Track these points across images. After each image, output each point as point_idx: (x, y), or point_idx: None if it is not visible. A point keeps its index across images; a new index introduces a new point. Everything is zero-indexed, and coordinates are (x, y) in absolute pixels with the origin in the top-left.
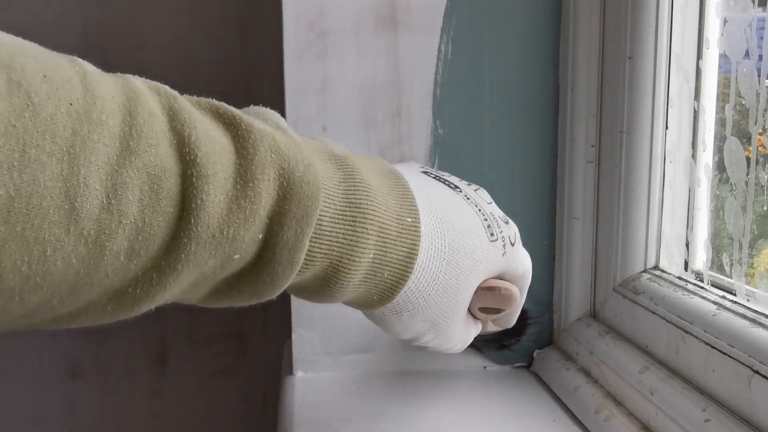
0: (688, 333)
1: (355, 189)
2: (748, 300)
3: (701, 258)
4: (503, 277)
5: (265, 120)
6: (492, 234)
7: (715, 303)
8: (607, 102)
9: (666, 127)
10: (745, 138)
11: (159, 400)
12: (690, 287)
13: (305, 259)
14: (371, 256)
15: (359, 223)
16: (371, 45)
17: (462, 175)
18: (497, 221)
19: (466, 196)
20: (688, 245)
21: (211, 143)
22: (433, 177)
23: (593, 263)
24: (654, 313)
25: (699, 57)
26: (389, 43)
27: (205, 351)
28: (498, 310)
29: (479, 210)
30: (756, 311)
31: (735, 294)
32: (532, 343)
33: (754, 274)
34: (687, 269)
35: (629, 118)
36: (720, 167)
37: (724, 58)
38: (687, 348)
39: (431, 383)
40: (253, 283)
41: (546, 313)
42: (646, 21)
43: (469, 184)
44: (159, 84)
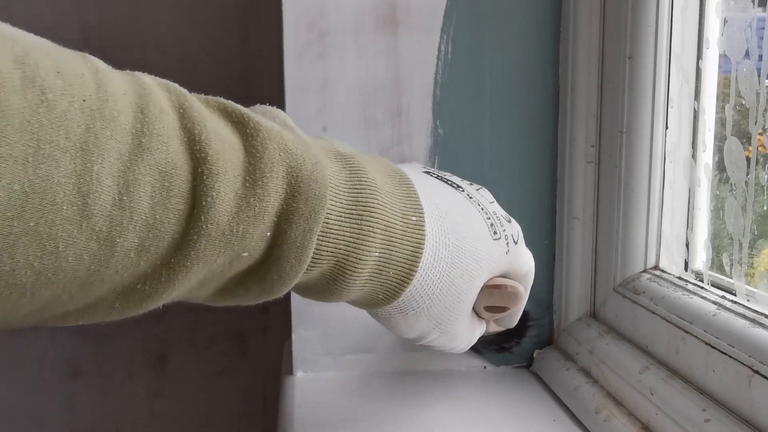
0: (688, 333)
1: (362, 187)
2: (748, 300)
3: (701, 258)
4: (507, 276)
5: (273, 118)
6: (495, 232)
7: (715, 303)
8: (607, 102)
9: (666, 127)
10: (745, 138)
11: (159, 400)
12: (690, 287)
13: (312, 258)
14: (377, 254)
15: (365, 222)
16: (371, 45)
17: (462, 175)
18: (500, 220)
19: (468, 195)
20: (688, 245)
21: (221, 141)
22: (436, 177)
23: (593, 263)
24: (654, 313)
25: (699, 57)
26: (389, 43)
27: (206, 351)
28: (503, 308)
29: (482, 209)
30: (756, 311)
31: (735, 294)
32: (532, 345)
33: (754, 274)
34: (687, 269)
35: (629, 118)
36: (720, 167)
37: (724, 58)
38: (687, 348)
39: (431, 383)
40: (261, 281)
41: (546, 316)
42: (646, 21)
43: (471, 183)
44: (168, 81)
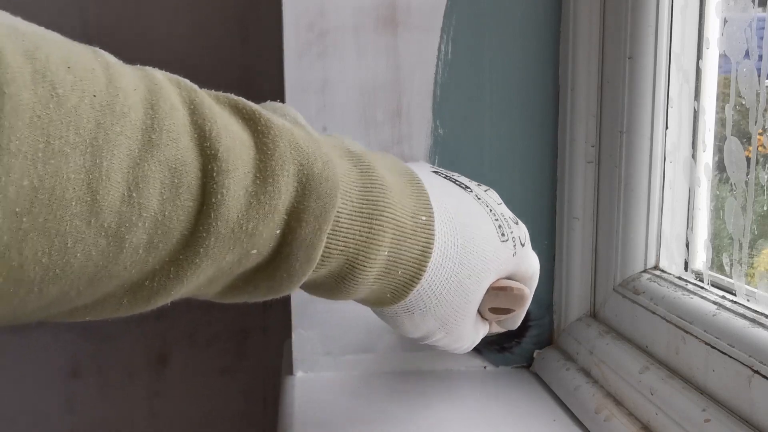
0: (688, 333)
1: (372, 186)
2: (748, 300)
3: (701, 258)
4: (513, 278)
5: (284, 116)
6: (503, 234)
7: (715, 303)
8: (607, 102)
9: (666, 127)
10: (745, 138)
11: (159, 400)
12: (690, 287)
13: (322, 256)
14: (386, 253)
15: (375, 221)
16: (371, 45)
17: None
18: (508, 222)
19: (477, 196)
20: (688, 245)
21: (231, 138)
22: (444, 177)
23: (593, 263)
24: (654, 313)
25: (699, 57)
26: (389, 43)
27: (206, 351)
28: (508, 310)
29: (490, 210)
30: (756, 311)
31: (735, 294)
32: (532, 345)
33: (754, 274)
34: (687, 269)
35: (629, 118)
36: (720, 167)
37: (724, 58)
38: (687, 348)
39: (431, 383)
40: (270, 279)
41: (546, 316)
42: (646, 21)
43: (479, 184)
44: (179, 77)
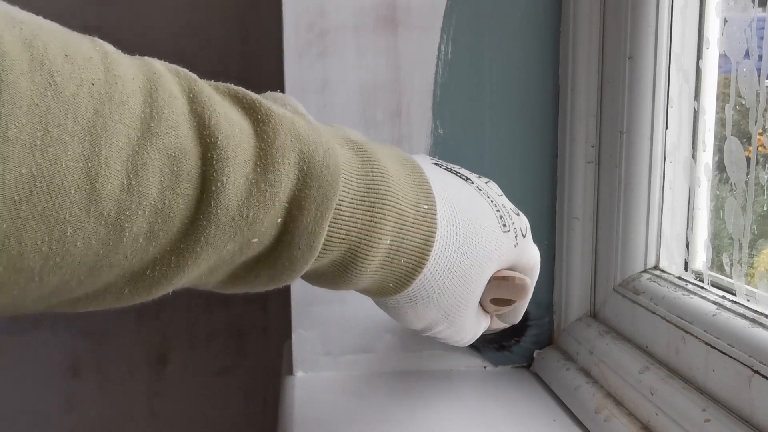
0: (688, 333)
1: (374, 175)
2: (748, 300)
3: (701, 258)
4: (514, 269)
5: (284, 105)
6: (504, 225)
7: (715, 303)
8: (607, 102)
9: (666, 127)
10: (745, 138)
11: (159, 399)
12: (690, 287)
13: (324, 244)
14: (388, 242)
15: (377, 209)
16: (371, 45)
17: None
18: (509, 213)
19: (478, 187)
20: (688, 245)
21: (231, 126)
22: (445, 168)
23: (593, 263)
24: (654, 313)
25: (699, 57)
26: (389, 43)
27: (205, 351)
28: (509, 301)
29: (491, 201)
30: (756, 311)
31: (735, 294)
32: (531, 345)
33: (754, 274)
34: (687, 269)
35: (629, 118)
36: (720, 167)
37: (724, 58)
38: (687, 348)
39: (431, 383)
40: (272, 268)
41: (546, 316)
42: (646, 21)
43: (480, 176)
44: (178, 67)
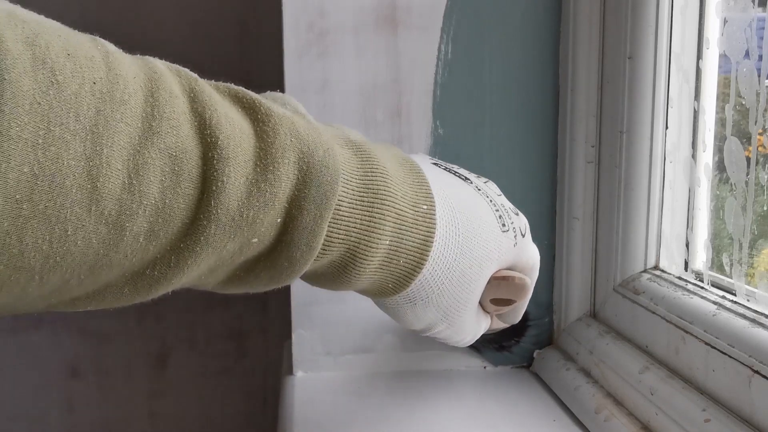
0: (688, 333)
1: (373, 175)
2: (748, 300)
3: (701, 258)
4: (514, 269)
5: (284, 105)
6: (504, 224)
7: (715, 303)
8: (607, 102)
9: (666, 127)
10: (745, 138)
11: (159, 400)
12: (690, 287)
13: (323, 244)
14: (387, 242)
15: (377, 209)
16: (371, 45)
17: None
18: (508, 212)
19: (477, 187)
20: (688, 245)
21: (232, 126)
22: (444, 168)
23: (593, 263)
24: (654, 313)
25: (699, 57)
26: (389, 43)
27: (205, 351)
28: (509, 301)
29: (490, 201)
30: (756, 311)
31: (735, 294)
32: (531, 345)
33: (754, 274)
34: (687, 269)
35: (629, 118)
36: (720, 167)
37: (724, 58)
38: (687, 348)
39: (431, 383)
40: (271, 268)
41: (546, 316)
42: (646, 21)
43: (479, 176)
44: (179, 66)
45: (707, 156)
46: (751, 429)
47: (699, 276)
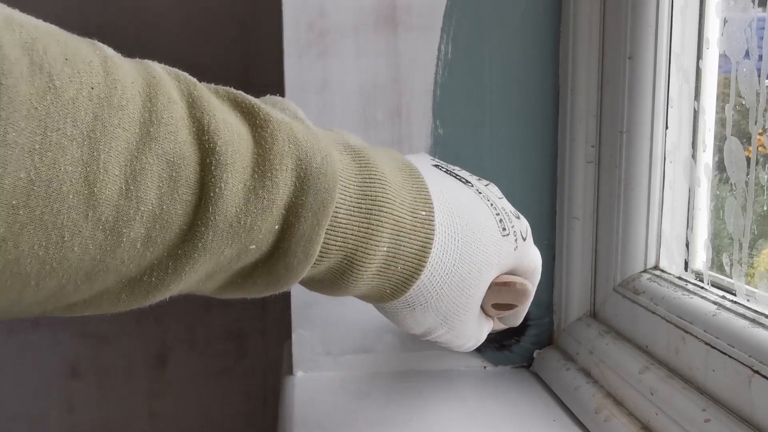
0: (688, 333)
1: (371, 181)
2: (748, 300)
3: (701, 258)
4: (515, 273)
5: (283, 110)
6: (504, 229)
7: (715, 303)
8: (607, 102)
9: (666, 127)
10: (745, 138)
11: (159, 400)
12: (690, 287)
13: (320, 251)
14: (385, 249)
15: (374, 216)
16: (371, 45)
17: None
18: (509, 216)
19: (477, 190)
20: (688, 245)
21: (230, 132)
22: (445, 171)
23: (593, 263)
24: (654, 313)
25: (699, 57)
26: (389, 43)
27: (205, 351)
28: (511, 306)
29: (491, 204)
30: (756, 311)
31: (735, 294)
32: (532, 345)
33: (754, 274)
34: (687, 269)
35: (629, 118)
36: (720, 167)
37: (724, 58)
38: (687, 348)
39: (431, 383)
40: (268, 275)
41: (546, 316)
42: (646, 21)
43: (480, 179)
44: (178, 70)
45: (707, 156)
46: (751, 429)
47: (699, 276)
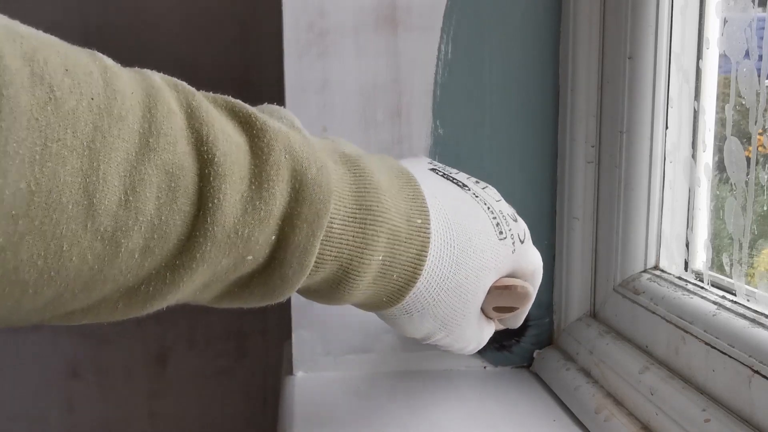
0: (688, 333)
1: (366, 191)
2: (748, 300)
3: (701, 258)
4: (514, 275)
5: (280, 119)
6: (501, 232)
7: (715, 303)
8: (607, 102)
9: (666, 127)
10: (745, 138)
11: (159, 400)
12: (690, 287)
13: (315, 262)
14: (380, 258)
15: (369, 226)
16: (371, 45)
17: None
18: (506, 219)
19: (474, 194)
20: (688, 245)
21: (228, 142)
22: (441, 175)
23: (593, 263)
24: (654, 313)
25: (699, 57)
26: (389, 43)
27: (205, 351)
28: (512, 308)
29: (488, 208)
30: (756, 311)
31: (735, 294)
32: (532, 345)
33: (754, 274)
34: (687, 269)
35: (629, 118)
36: (720, 167)
37: (724, 58)
38: (687, 348)
39: (431, 383)
40: (264, 285)
41: (546, 316)
42: (646, 21)
43: (478, 181)
44: (176, 80)
45: (707, 156)
46: (751, 429)
47: (699, 276)
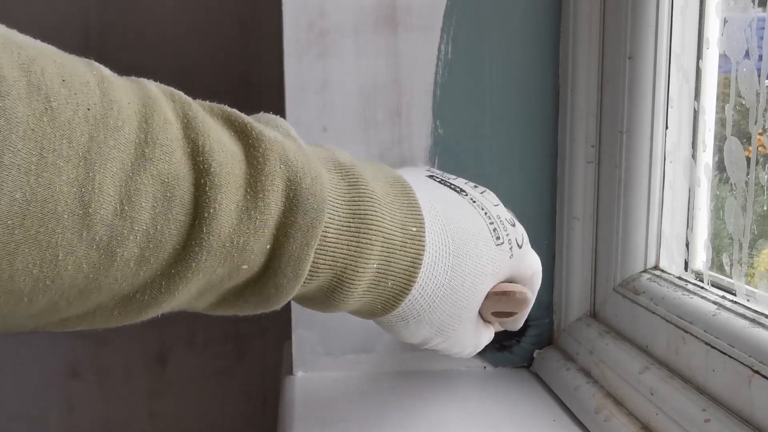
0: (688, 333)
1: (360, 199)
2: (748, 300)
3: (701, 258)
4: (513, 280)
5: (276, 128)
6: (498, 238)
7: (715, 303)
8: (607, 102)
9: (666, 127)
10: (745, 138)
11: (158, 400)
12: (690, 287)
13: (310, 271)
14: (375, 266)
15: (363, 234)
16: (371, 45)
17: (461, 176)
18: (503, 224)
19: (472, 199)
20: (688, 245)
21: (224, 152)
22: (439, 181)
23: (593, 263)
24: (654, 313)
25: (699, 57)
26: (389, 43)
27: (205, 351)
28: (510, 313)
29: (485, 213)
30: (756, 311)
31: (735, 294)
32: (532, 345)
33: (754, 274)
34: (687, 269)
35: (629, 118)
36: (720, 167)
37: (724, 58)
38: (687, 348)
39: (431, 383)
40: (259, 294)
41: (546, 316)
42: (646, 21)
43: (476, 186)
44: (173, 89)
45: (707, 156)
46: (751, 429)
47: (699, 276)
